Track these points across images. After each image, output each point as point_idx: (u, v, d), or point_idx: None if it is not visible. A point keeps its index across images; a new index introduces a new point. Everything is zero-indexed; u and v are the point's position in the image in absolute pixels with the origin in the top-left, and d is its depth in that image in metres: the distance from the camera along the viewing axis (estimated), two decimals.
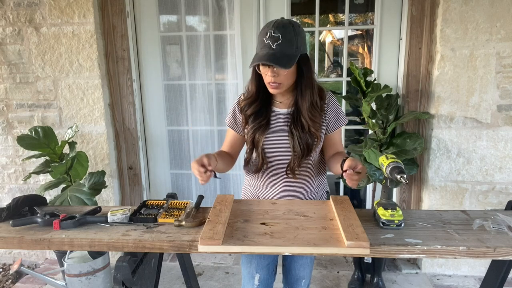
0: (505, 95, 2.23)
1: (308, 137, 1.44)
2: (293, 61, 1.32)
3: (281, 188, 1.52)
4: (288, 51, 1.32)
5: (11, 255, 2.94)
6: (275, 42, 1.31)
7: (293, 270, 1.63)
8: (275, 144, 1.48)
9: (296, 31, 1.33)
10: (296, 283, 1.64)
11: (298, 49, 1.34)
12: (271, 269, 1.62)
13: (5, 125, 2.66)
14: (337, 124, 1.50)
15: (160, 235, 1.22)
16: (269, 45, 1.31)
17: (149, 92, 2.75)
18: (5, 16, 2.46)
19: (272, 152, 1.50)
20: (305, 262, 1.61)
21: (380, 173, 2.16)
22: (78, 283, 2.06)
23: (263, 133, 1.47)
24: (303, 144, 1.44)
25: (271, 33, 1.31)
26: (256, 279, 1.57)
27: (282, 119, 1.48)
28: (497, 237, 1.17)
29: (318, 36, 2.67)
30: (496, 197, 2.37)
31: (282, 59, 1.30)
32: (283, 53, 1.31)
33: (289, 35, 1.32)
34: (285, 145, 1.47)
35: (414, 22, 2.31)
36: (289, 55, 1.32)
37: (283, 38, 1.31)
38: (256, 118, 1.48)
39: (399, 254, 1.14)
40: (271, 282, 1.62)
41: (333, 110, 1.49)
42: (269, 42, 1.31)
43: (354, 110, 3.20)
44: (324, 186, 1.66)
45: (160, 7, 2.63)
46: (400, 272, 2.58)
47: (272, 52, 1.31)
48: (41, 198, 1.55)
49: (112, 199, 2.68)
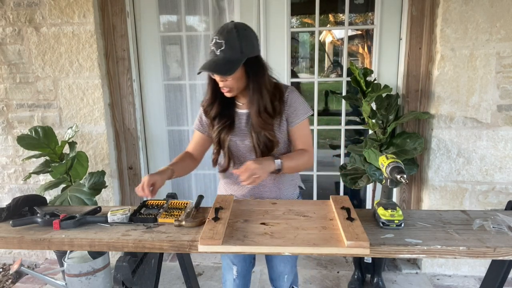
0: (505, 95, 2.23)
1: (266, 138, 1.45)
2: (235, 66, 1.33)
3: (249, 186, 1.54)
4: (232, 56, 1.33)
5: (11, 255, 2.94)
6: (219, 48, 1.33)
7: (274, 266, 1.67)
8: (239, 144, 1.52)
9: (240, 35, 1.34)
10: (278, 279, 1.68)
11: (244, 54, 1.34)
12: (248, 261, 1.68)
13: (5, 125, 2.66)
14: (296, 119, 1.50)
15: (160, 235, 1.22)
16: (213, 52, 1.35)
17: (149, 92, 2.75)
18: (5, 16, 2.46)
19: (237, 152, 1.54)
20: (285, 258, 1.63)
21: (380, 173, 2.16)
22: (78, 283, 2.06)
23: (228, 133, 1.51)
24: (262, 145, 1.46)
25: (216, 40, 1.34)
26: (234, 271, 1.65)
27: (244, 120, 1.51)
28: (497, 237, 1.17)
29: (318, 36, 2.67)
30: (496, 197, 2.37)
31: (224, 66, 1.33)
32: (226, 60, 1.33)
33: (232, 40, 1.32)
34: (248, 145, 1.50)
35: (414, 22, 2.31)
36: (233, 61, 1.33)
37: (226, 44, 1.32)
38: (221, 119, 1.52)
39: (399, 254, 1.14)
40: (248, 272, 1.70)
41: (292, 105, 1.49)
42: (213, 48, 1.34)
43: (354, 110, 3.20)
44: (296, 182, 1.67)
45: (160, 7, 2.62)
46: (400, 272, 2.58)
47: (215, 59, 1.34)
48: (41, 198, 1.55)
49: (112, 199, 2.68)
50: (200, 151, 1.64)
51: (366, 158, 2.16)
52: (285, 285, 1.67)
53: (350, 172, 2.38)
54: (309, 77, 6.72)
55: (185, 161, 1.57)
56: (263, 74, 1.42)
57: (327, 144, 5.59)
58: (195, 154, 1.63)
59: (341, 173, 2.41)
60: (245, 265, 1.67)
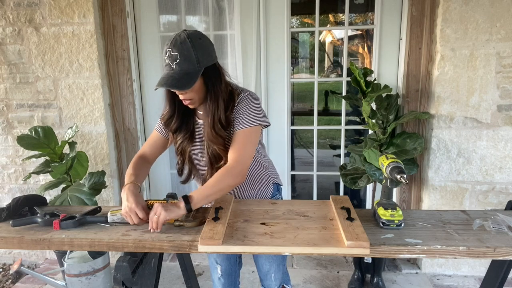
0: (505, 95, 2.23)
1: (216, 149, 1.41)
2: (194, 79, 1.28)
3: None
4: (189, 69, 1.28)
5: (11, 255, 2.94)
6: (174, 61, 1.27)
7: (260, 266, 1.66)
8: (199, 153, 1.50)
9: (195, 45, 1.28)
10: (265, 278, 1.67)
11: (201, 64, 1.29)
12: (232, 260, 1.68)
13: (5, 125, 2.66)
14: (239, 125, 1.39)
15: (160, 235, 1.22)
16: (169, 65, 1.29)
17: (149, 92, 2.75)
18: (5, 16, 2.46)
19: (199, 162, 1.52)
20: (269, 256, 1.62)
21: (380, 173, 2.16)
22: (78, 283, 2.06)
23: (189, 145, 1.50)
24: (210, 155, 1.42)
25: (170, 52, 1.28)
26: (218, 270, 1.65)
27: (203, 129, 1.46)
28: (497, 237, 1.17)
29: (318, 36, 2.67)
30: (496, 197, 2.37)
31: (181, 79, 1.27)
32: (182, 72, 1.27)
33: (187, 52, 1.27)
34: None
35: (414, 22, 2.31)
36: (190, 73, 1.28)
37: (181, 57, 1.27)
38: (181, 132, 1.49)
39: (399, 254, 1.14)
40: (234, 271, 1.69)
41: (239, 111, 1.40)
42: (168, 62, 1.28)
43: (354, 110, 3.21)
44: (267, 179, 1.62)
45: (160, 7, 2.62)
46: (400, 272, 2.58)
47: (172, 73, 1.28)
48: (41, 198, 1.55)
49: (112, 199, 2.68)
50: (156, 154, 1.58)
51: (366, 158, 2.16)
52: (273, 284, 1.66)
53: (350, 172, 2.38)
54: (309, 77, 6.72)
55: (143, 169, 1.50)
56: (220, 83, 1.37)
57: (327, 144, 5.61)
58: (150, 157, 1.56)
59: (341, 173, 2.41)
60: (229, 264, 1.68)
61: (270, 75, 2.63)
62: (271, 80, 2.64)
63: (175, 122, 1.47)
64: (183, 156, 1.52)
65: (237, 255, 1.71)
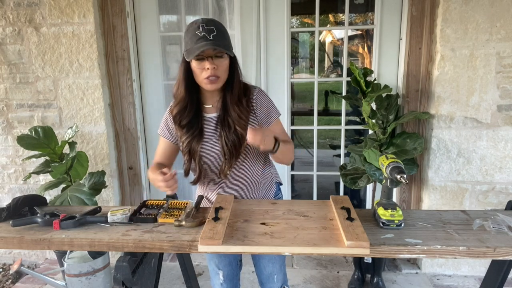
0: (505, 95, 2.23)
1: (235, 136, 1.40)
2: (232, 49, 1.34)
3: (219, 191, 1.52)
4: (225, 42, 1.32)
5: (11, 255, 2.94)
6: (211, 33, 1.29)
7: (263, 268, 1.62)
8: (210, 151, 1.46)
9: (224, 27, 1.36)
10: (268, 281, 1.63)
11: (231, 45, 1.36)
12: (234, 265, 1.66)
13: (5, 125, 2.66)
14: (270, 118, 1.48)
15: (160, 235, 1.22)
16: (205, 37, 1.28)
17: (149, 92, 2.75)
18: (5, 16, 2.46)
19: (209, 159, 1.47)
20: (273, 257, 1.60)
21: (380, 173, 2.16)
22: (78, 283, 2.06)
23: (198, 143, 1.44)
24: (230, 143, 1.40)
25: (204, 27, 1.29)
26: (220, 275, 1.64)
27: (213, 125, 1.45)
28: (497, 237, 1.17)
29: (318, 36, 2.67)
30: (496, 197, 2.37)
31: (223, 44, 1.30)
32: (221, 44, 1.30)
33: (222, 28, 1.33)
34: (218, 150, 1.45)
35: (414, 22, 2.31)
36: (227, 45, 1.32)
37: (217, 30, 1.30)
38: (190, 128, 1.43)
39: (399, 254, 1.14)
40: (235, 275, 1.69)
41: (263, 105, 1.47)
42: (204, 34, 1.28)
43: (354, 110, 3.21)
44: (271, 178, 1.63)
45: (160, 7, 2.62)
46: (400, 272, 2.58)
47: (212, 41, 1.28)
48: (41, 198, 1.55)
49: (112, 199, 2.68)
50: (170, 161, 1.55)
51: (366, 158, 2.16)
52: (275, 286, 1.62)
53: (350, 172, 2.38)
54: (309, 77, 6.73)
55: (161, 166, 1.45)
56: (238, 72, 1.43)
57: (327, 144, 5.61)
58: (167, 163, 1.53)
59: (341, 173, 2.41)
60: (231, 269, 1.65)
61: (270, 75, 2.63)
62: (271, 80, 2.64)
63: (186, 115, 1.42)
64: (192, 155, 1.46)
65: (238, 259, 1.69)
